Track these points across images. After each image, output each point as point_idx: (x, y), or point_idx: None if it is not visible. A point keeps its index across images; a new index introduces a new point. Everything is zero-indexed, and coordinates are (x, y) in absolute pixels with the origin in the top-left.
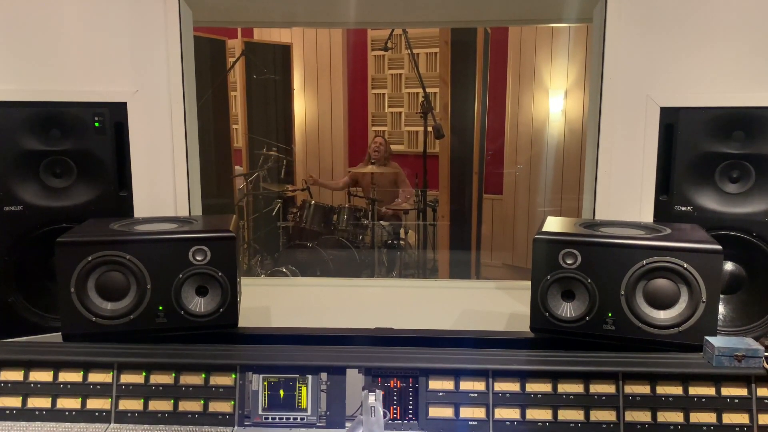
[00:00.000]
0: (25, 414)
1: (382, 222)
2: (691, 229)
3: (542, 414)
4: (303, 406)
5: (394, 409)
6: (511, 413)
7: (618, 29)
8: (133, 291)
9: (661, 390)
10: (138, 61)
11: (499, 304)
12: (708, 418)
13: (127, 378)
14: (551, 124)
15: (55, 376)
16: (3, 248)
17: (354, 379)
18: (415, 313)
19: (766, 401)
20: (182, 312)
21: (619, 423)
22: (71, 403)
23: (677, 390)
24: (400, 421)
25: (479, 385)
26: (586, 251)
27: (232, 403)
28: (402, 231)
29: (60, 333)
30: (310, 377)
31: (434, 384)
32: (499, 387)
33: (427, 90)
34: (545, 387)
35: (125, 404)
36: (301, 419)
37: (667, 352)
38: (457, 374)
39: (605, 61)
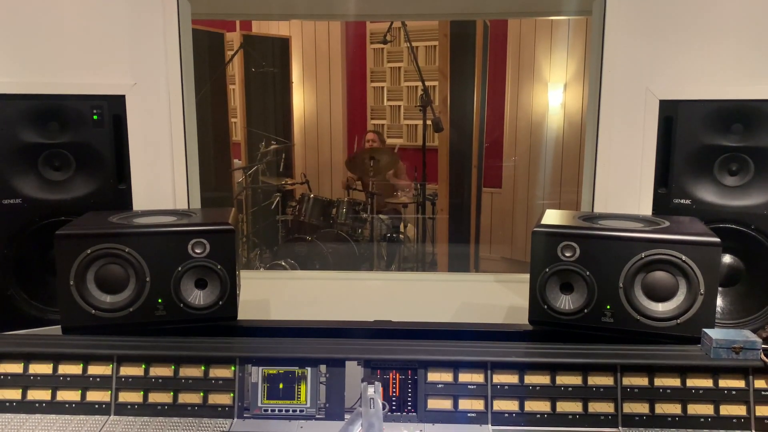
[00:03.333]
0: (24, 406)
1: (381, 215)
2: (689, 221)
3: (541, 406)
4: (302, 398)
5: (393, 401)
6: (510, 405)
7: (617, 22)
8: (132, 284)
9: (659, 382)
10: (136, 53)
11: (497, 297)
12: (705, 409)
13: (126, 370)
14: (550, 117)
15: (55, 369)
16: (2, 241)
17: (353, 371)
18: (414, 306)
19: (763, 393)
20: (181, 305)
21: (617, 414)
22: (71, 396)
23: (675, 382)
24: (399, 413)
25: (478, 377)
26: (585, 244)
27: (232, 395)
28: (401, 224)
29: (59, 326)
30: (309, 369)
31: (433, 376)
32: (497, 379)
33: (426, 83)
34: (544, 379)
35: (125, 396)
36: (301, 411)
37: (665, 344)
38: (456, 366)
39: (604, 54)
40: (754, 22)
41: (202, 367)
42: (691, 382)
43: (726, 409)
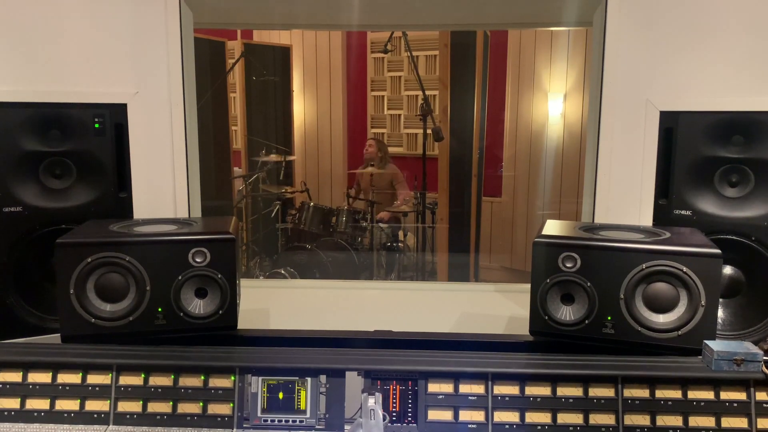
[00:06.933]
0: (23, 415)
1: (380, 224)
2: (690, 233)
3: (541, 417)
4: (302, 408)
5: (394, 411)
6: (511, 416)
7: (618, 33)
8: (132, 293)
9: (660, 394)
10: (138, 62)
11: (498, 307)
12: (707, 421)
13: (126, 380)
14: (550, 127)
15: (54, 378)
16: (2, 249)
17: (353, 381)
18: (414, 316)
19: (764, 405)
20: (181, 314)
21: (618, 426)
22: (70, 405)
23: (676, 394)
24: (399, 424)
25: (478, 388)
26: (586, 255)
27: (231, 405)
28: (401, 233)
29: (59, 334)
30: (309, 379)
31: (433, 387)
32: (498, 390)
33: (427, 92)
34: (544, 390)
35: (124, 406)
36: (300, 422)
37: (666, 355)
38: (456, 377)
39: (605, 64)
40: (754, 35)
41: (202, 377)
42: (692, 394)
43: (727, 422)
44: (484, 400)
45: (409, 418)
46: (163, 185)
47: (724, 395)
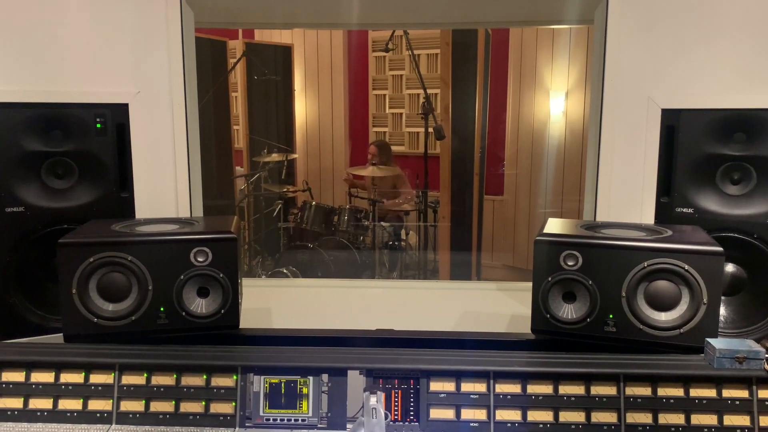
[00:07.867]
0: (26, 415)
1: (382, 223)
2: (692, 230)
3: (543, 416)
4: (304, 407)
5: (395, 410)
6: (512, 415)
7: (619, 31)
8: (134, 292)
9: (662, 392)
10: (140, 62)
11: (500, 306)
12: (709, 419)
13: (128, 379)
14: (552, 125)
15: (57, 377)
16: (5, 249)
17: (355, 380)
18: (416, 315)
19: (767, 403)
20: (183, 313)
21: (620, 425)
22: (73, 404)
23: (678, 392)
24: (401, 423)
25: (480, 387)
26: (588, 253)
27: (234, 404)
28: (403, 232)
29: (61, 334)
30: (311, 378)
31: (435, 385)
32: (500, 388)
33: (428, 91)
34: (546, 388)
35: (126, 405)
36: (303, 420)
37: (668, 353)
38: (458, 376)
39: (606, 62)
40: (756, 31)
41: (204, 376)
42: (694, 392)
43: (729, 419)
44: (485, 398)
45: (411, 417)
46: (164, 185)
47: (726, 393)
